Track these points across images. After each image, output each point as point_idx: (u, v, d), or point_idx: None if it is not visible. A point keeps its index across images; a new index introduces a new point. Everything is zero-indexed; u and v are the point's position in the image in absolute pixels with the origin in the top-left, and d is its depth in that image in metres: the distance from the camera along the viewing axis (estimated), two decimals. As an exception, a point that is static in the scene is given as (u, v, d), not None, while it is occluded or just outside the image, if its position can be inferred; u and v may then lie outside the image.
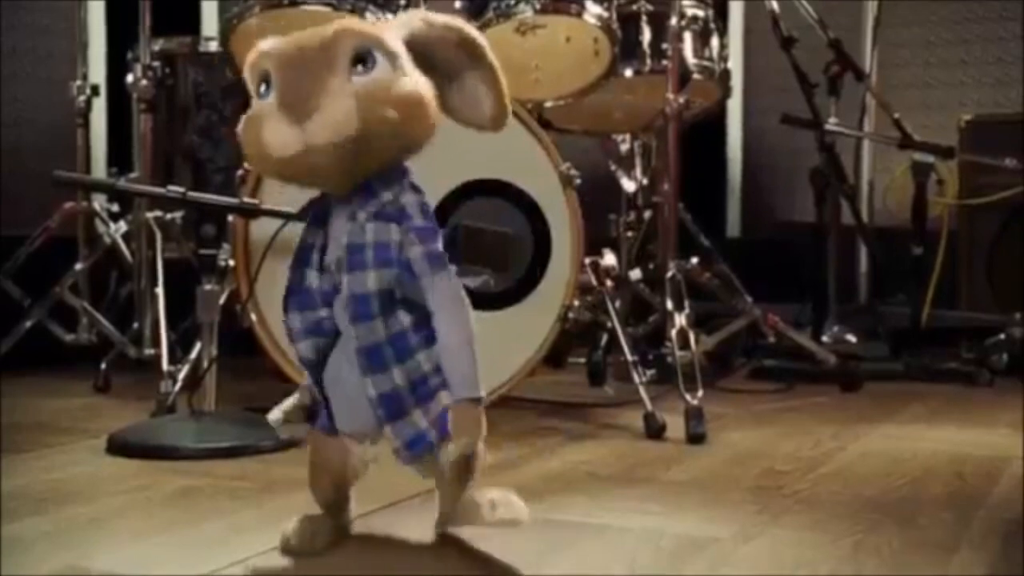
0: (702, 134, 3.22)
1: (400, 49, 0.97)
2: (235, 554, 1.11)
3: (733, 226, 3.82)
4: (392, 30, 0.99)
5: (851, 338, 2.69)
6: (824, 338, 2.64)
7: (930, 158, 2.52)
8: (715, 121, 3.55)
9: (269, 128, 0.92)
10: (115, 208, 2.51)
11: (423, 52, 0.99)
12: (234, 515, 1.29)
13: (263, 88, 0.95)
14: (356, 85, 0.93)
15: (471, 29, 1.01)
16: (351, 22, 0.97)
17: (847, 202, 2.56)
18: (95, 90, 2.53)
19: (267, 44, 0.96)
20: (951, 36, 3.15)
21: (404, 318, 0.99)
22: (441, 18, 1.01)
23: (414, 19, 1.01)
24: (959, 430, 1.90)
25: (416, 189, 1.03)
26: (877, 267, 2.92)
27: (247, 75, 0.98)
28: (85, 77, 2.51)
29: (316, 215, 1.02)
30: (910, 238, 2.58)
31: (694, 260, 2.22)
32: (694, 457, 1.63)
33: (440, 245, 1.00)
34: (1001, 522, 1.27)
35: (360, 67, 0.94)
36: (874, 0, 3.06)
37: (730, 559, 1.11)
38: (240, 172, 1.84)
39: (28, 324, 2.32)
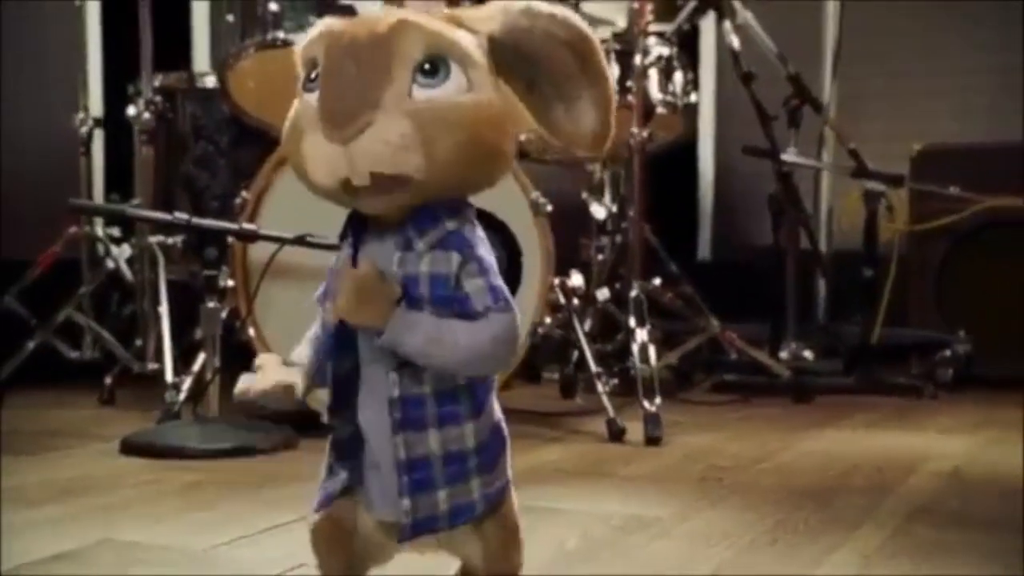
0: (675, 163, 3.43)
1: (481, 59, 0.75)
2: (237, 532, 1.29)
3: (704, 249, 4.00)
4: (476, 30, 0.77)
5: (808, 354, 2.87)
6: (783, 354, 2.82)
7: (881, 186, 2.72)
8: (688, 150, 3.75)
9: (309, 142, 0.72)
10: (116, 233, 2.69)
11: (517, 50, 0.77)
12: (235, 504, 1.46)
13: (313, 75, 0.74)
14: (419, 101, 0.72)
15: (584, 26, 0.77)
16: (419, 15, 0.74)
17: (802, 227, 2.74)
18: (97, 122, 2.72)
19: (324, 24, 0.75)
20: (908, 69, 3.35)
21: (459, 376, 0.79)
22: (547, 8, 0.77)
23: (512, 9, 0.77)
24: (894, 435, 2.08)
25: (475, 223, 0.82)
26: (831, 288, 3.11)
27: (298, 60, 0.77)
28: (87, 109, 2.70)
29: (353, 237, 0.79)
30: (863, 261, 2.77)
31: (657, 281, 2.40)
32: (649, 456, 1.81)
33: (501, 281, 0.80)
34: (905, 505, 1.45)
35: (426, 78, 0.73)
36: (837, 24, 3.26)
37: (669, 533, 1.29)
38: (238, 200, 2.01)
39: (35, 342, 2.48)
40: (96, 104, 2.95)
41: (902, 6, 3.28)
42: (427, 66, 0.73)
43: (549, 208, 2.04)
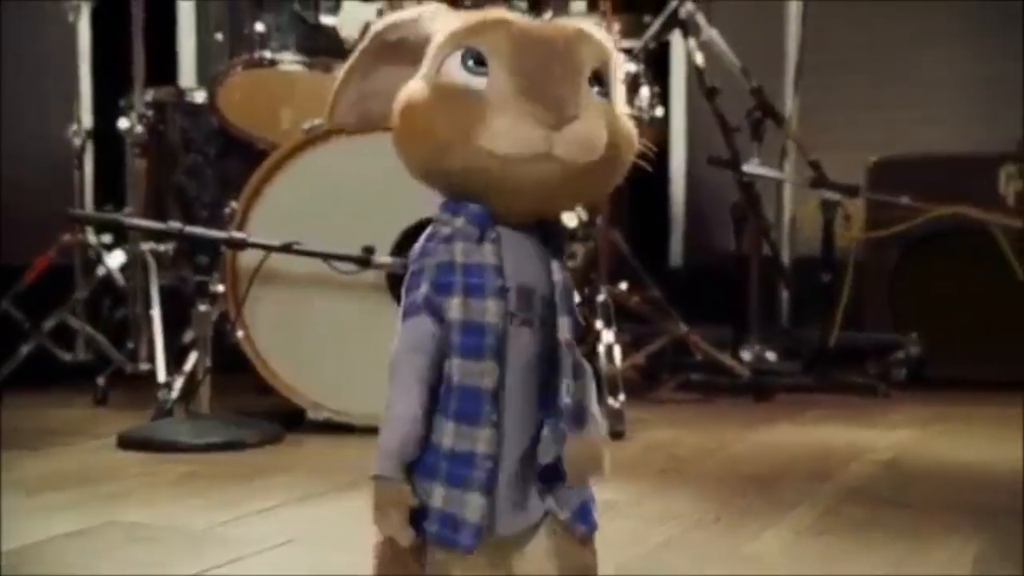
0: (648, 173, 3.57)
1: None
2: (231, 515, 1.42)
3: (675, 256, 4.14)
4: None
5: (770, 356, 3.01)
6: (746, 356, 2.96)
7: (837, 196, 2.86)
8: (660, 161, 3.89)
9: (505, 121, 0.70)
10: (108, 240, 2.81)
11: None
12: (227, 491, 1.59)
13: (469, 63, 0.73)
14: (609, 111, 0.73)
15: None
16: (593, 27, 0.75)
17: (763, 235, 2.89)
18: (89, 134, 2.85)
19: (493, 16, 0.74)
20: (868, 82, 3.50)
21: None
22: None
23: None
24: (843, 429, 2.22)
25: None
26: (793, 293, 3.25)
27: (441, 41, 0.74)
28: (80, 121, 2.82)
29: (484, 231, 0.74)
30: (821, 267, 2.92)
31: (623, 286, 2.54)
32: (612, 449, 1.93)
33: None
34: (841, 489, 1.59)
35: (599, 87, 0.74)
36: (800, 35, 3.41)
37: (623, 514, 1.42)
38: (228, 210, 2.14)
39: (32, 345, 2.59)
40: (86, 116, 3.07)
41: (862, 22, 3.43)
42: (598, 78, 0.73)
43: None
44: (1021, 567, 1.20)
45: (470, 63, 0.72)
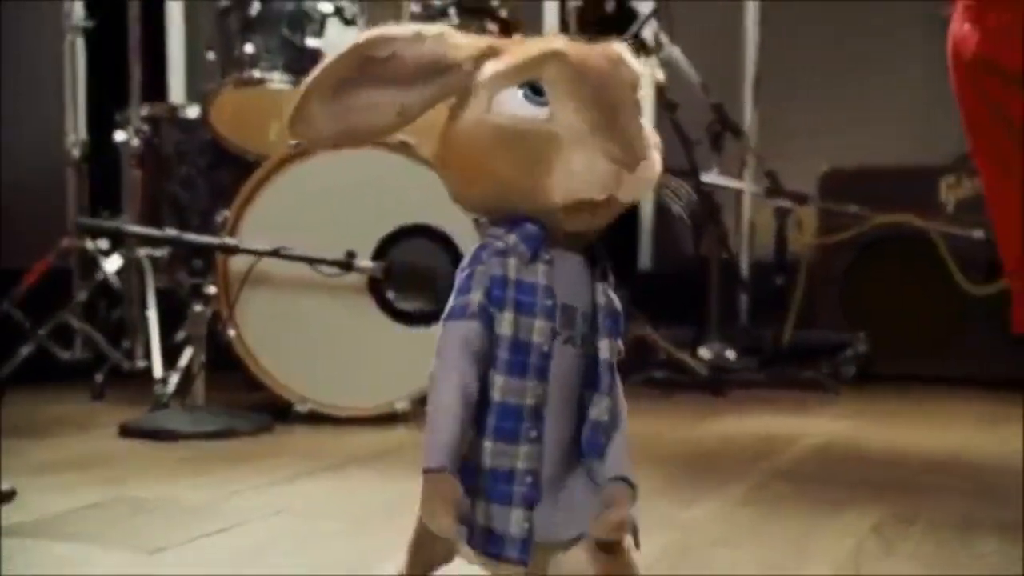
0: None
1: None
2: (229, 491, 1.60)
3: (644, 259, 4.32)
4: None
5: (730, 354, 3.20)
6: (706, 354, 3.15)
7: (789, 204, 3.06)
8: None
9: (580, 158, 0.70)
10: (104, 245, 2.97)
11: None
12: (224, 471, 1.76)
13: (525, 90, 0.72)
14: (655, 140, 0.73)
15: None
16: (627, 53, 0.75)
17: (719, 241, 3.08)
18: (86, 146, 3.02)
19: (551, 45, 0.73)
20: (824, 96, 3.68)
21: None
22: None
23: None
24: (788, 420, 2.41)
25: None
26: (751, 295, 3.45)
27: (493, 76, 0.73)
28: (77, 133, 3.00)
29: (537, 251, 0.74)
30: (775, 270, 3.12)
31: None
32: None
33: None
34: (774, 468, 1.78)
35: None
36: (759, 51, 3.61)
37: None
38: (220, 218, 2.31)
39: (33, 345, 2.76)
40: (80, 128, 3.24)
41: (817, 42, 3.62)
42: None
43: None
44: (919, 533, 1.38)
45: (530, 94, 0.71)
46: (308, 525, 1.44)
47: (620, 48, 0.74)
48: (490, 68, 0.73)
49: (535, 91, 0.71)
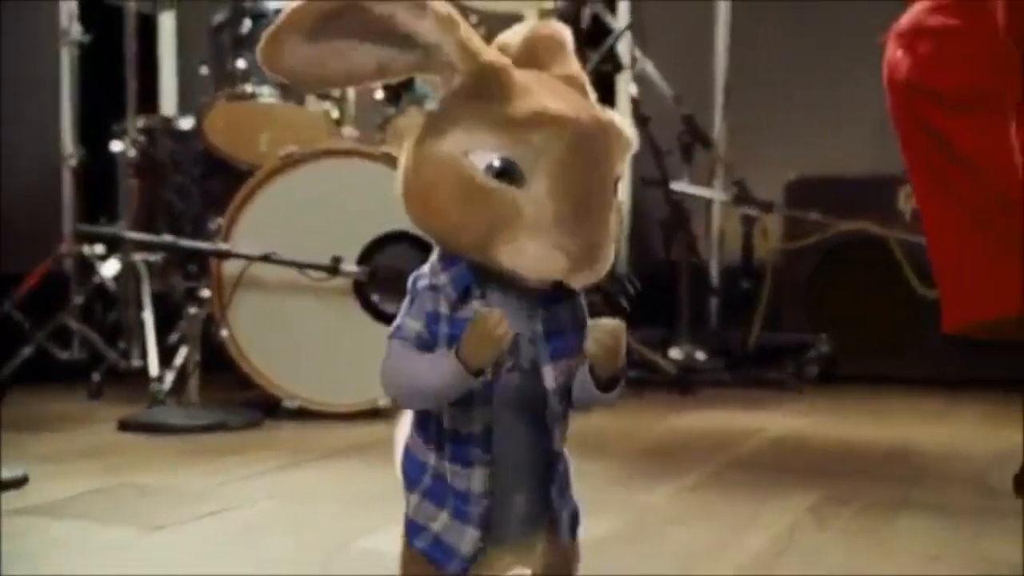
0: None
1: None
2: (219, 479, 1.73)
3: (621, 264, 4.47)
4: None
5: (700, 355, 3.35)
6: (677, 355, 3.30)
7: (755, 211, 3.22)
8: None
9: (537, 248, 0.69)
10: (100, 251, 3.10)
11: None
12: (216, 463, 1.90)
13: (495, 170, 0.70)
14: (615, 223, 0.72)
15: None
16: (611, 112, 0.74)
17: (688, 247, 3.23)
18: (83, 155, 3.16)
19: (553, 109, 0.70)
20: (793, 106, 3.83)
21: None
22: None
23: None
24: (750, 416, 2.55)
25: None
26: (721, 298, 3.60)
27: (484, 119, 0.71)
28: (75, 142, 3.13)
29: (468, 290, 0.75)
30: (742, 275, 3.27)
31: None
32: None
33: None
34: (731, 458, 1.92)
35: (617, 186, 0.73)
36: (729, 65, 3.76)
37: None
38: (213, 225, 2.45)
39: (33, 346, 2.88)
40: (77, 138, 3.38)
41: (784, 55, 3.77)
42: (620, 172, 0.73)
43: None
44: (852, 512, 1.53)
45: (497, 171, 0.70)
46: (297, 508, 1.58)
47: (613, 117, 0.73)
48: (475, 113, 0.71)
49: (507, 173, 0.69)
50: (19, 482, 1.67)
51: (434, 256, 0.76)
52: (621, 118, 0.73)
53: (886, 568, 1.25)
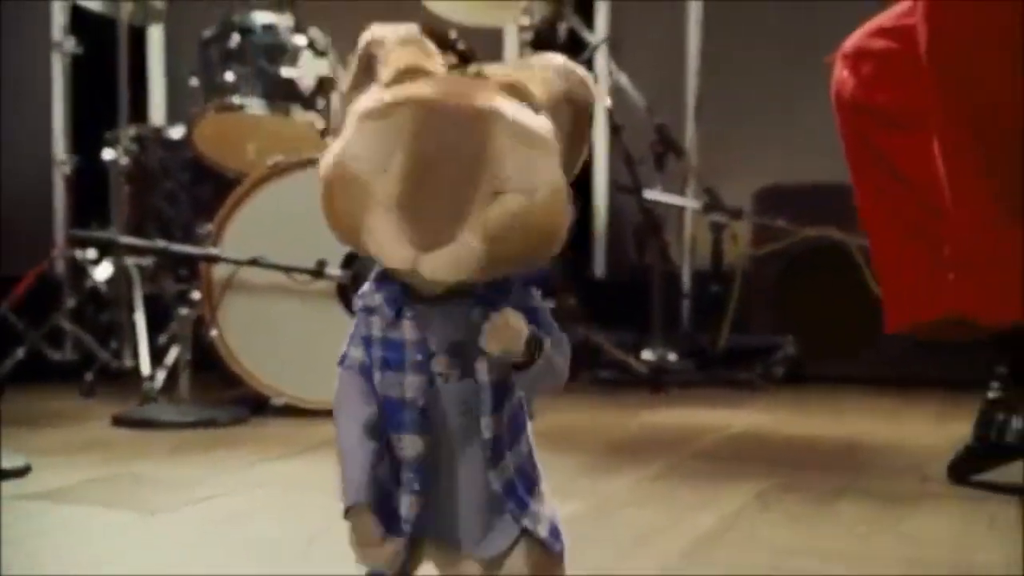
0: (576, 199, 4.06)
1: (555, 144, 0.71)
2: (211, 470, 1.85)
3: (599, 268, 4.59)
4: (538, 100, 0.71)
5: (672, 356, 3.48)
6: (650, 356, 3.43)
7: (724, 218, 3.35)
8: (586, 188, 4.36)
9: (381, 230, 0.68)
10: (91, 255, 3.21)
11: (567, 108, 0.73)
12: (207, 455, 2.01)
13: (379, 151, 0.68)
14: (498, 210, 0.67)
15: (593, 94, 0.74)
16: (500, 99, 0.69)
17: (660, 252, 3.36)
18: (77, 164, 3.27)
19: (413, 93, 0.68)
20: (758, 118, 3.96)
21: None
22: (579, 72, 0.74)
23: (559, 70, 0.73)
24: (713, 413, 2.68)
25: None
26: (693, 302, 3.74)
27: (359, 109, 0.70)
28: (69, 151, 3.25)
29: (400, 310, 0.74)
30: (711, 279, 3.41)
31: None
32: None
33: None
34: (692, 451, 2.05)
35: (506, 179, 0.68)
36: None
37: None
38: (203, 231, 2.56)
39: (26, 347, 2.99)
40: (69, 146, 3.50)
41: (754, 67, 3.90)
42: (511, 166, 0.67)
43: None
44: (796, 498, 1.65)
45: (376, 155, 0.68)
46: (282, 496, 1.69)
47: (498, 105, 0.68)
48: (360, 103, 0.71)
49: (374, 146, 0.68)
50: (21, 471, 1.78)
51: (366, 285, 0.76)
52: (517, 109, 0.68)
53: (818, 542, 1.38)
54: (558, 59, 0.74)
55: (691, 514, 1.53)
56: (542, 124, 0.70)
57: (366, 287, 0.76)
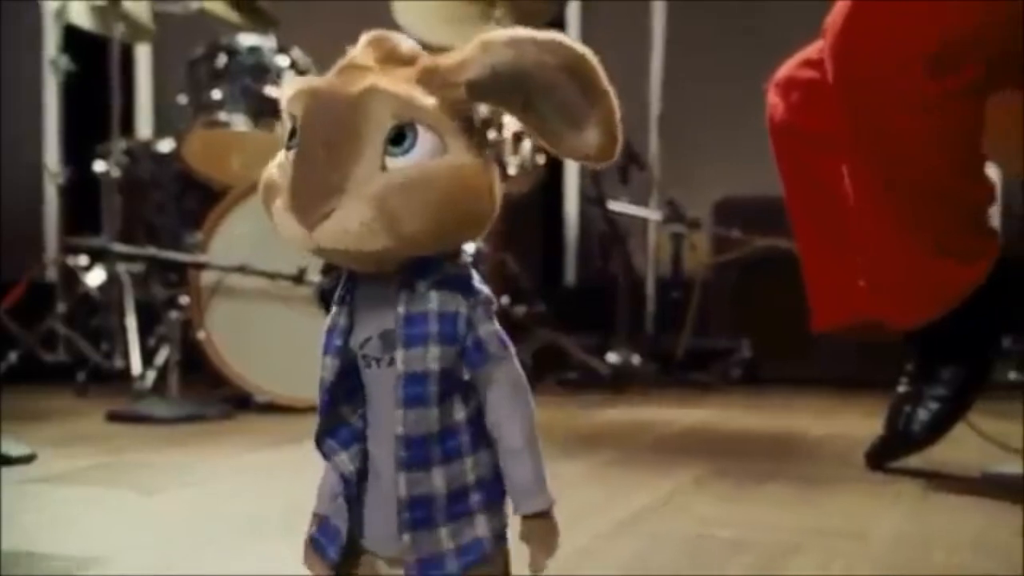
0: (547, 209, 4.29)
1: (454, 119, 0.70)
2: (200, 458, 2.03)
3: (569, 275, 4.79)
4: (453, 81, 0.70)
5: (635, 359, 3.67)
6: (615, 359, 3.62)
7: (683, 228, 3.56)
8: (558, 197, 4.56)
9: (279, 207, 0.69)
10: (83, 262, 3.38)
11: (505, 81, 0.70)
12: (197, 446, 2.19)
13: (292, 134, 0.70)
14: (384, 180, 0.67)
15: (577, 46, 0.71)
16: (386, 80, 0.69)
17: (624, 260, 3.56)
18: (70, 175, 3.44)
19: (302, 83, 0.70)
20: (718, 132, 4.16)
21: (459, 410, 0.73)
22: (530, 35, 0.70)
23: (494, 44, 0.70)
24: (668, 411, 2.87)
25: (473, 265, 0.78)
26: (656, 307, 3.94)
27: (284, 115, 0.71)
28: (62, 162, 3.42)
29: (344, 290, 0.75)
30: (671, 286, 3.61)
31: (505, 299, 3.17)
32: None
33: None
34: (641, 442, 2.24)
35: (396, 146, 0.68)
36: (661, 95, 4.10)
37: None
38: (190, 239, 2.74)
39: (21, 349, 3.15)
40: (58, 157, 3.67)
41: (716, 83, 4.11)
42: (397, 135, 0.68)
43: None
44: (729, 480, 1.84)
45: (290, 135, 0.69)
46: (264, 479, 1.87)
47: (375, 82, 0.67)
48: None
49: (292, 133, 0.69)
50: (27, 459, 1.95)
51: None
52: (399, 86, 0.68)
53: (741, 515, 1.56)
54: (499, 34, 0.70)
55: (629, 493, 1.71)
56: (426, 98, 0.68)
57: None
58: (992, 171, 3.19)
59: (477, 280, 0.73)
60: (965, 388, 1.78)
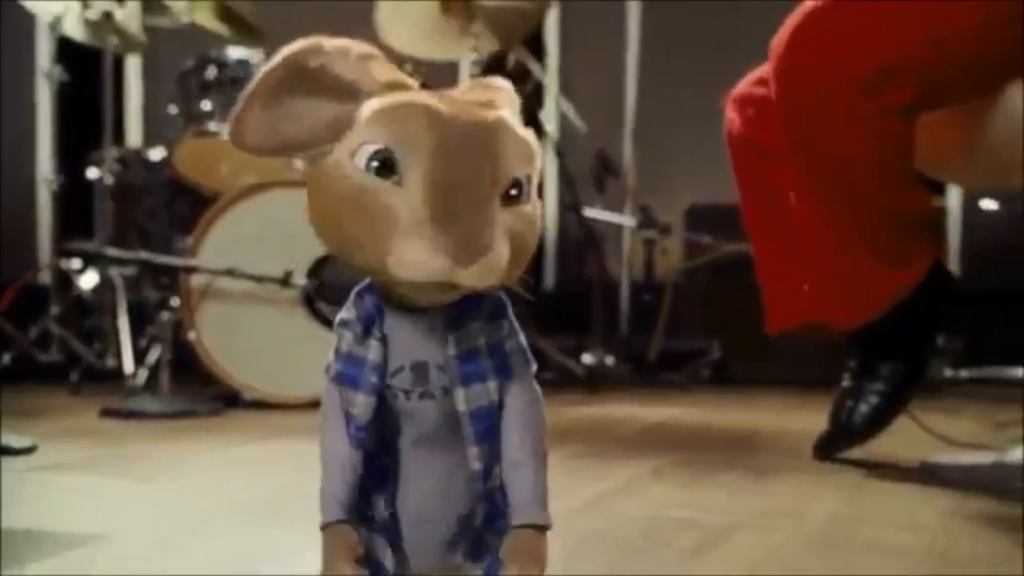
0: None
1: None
2: (191, 450, 2.16)
3: (549, 280, 4.92)
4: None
5: (610, 360, 3.81)
6: (591, 360, 3.76)
7: (655, 234, 3.70)
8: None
9: (415, 248, 0.64)
10: (76, 265, 3.49)
11: None
12: (188, 440, 2.31)
13: (374, 165, 0.66)
14: (510, 218, 0.67)
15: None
16: (512, 119, 0.69)
17: (599, 265, 3.70)
18: (63, 181, 3.57)
19: (415, 98, 0.67)
20: (691, 140, 4.29)
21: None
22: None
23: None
24: (638, 409, 3.01)
25: None
26: (631, 310, 4.08)
27: (363, 121, 0.68)
28: (56, 170, 3.55)
29: (370, 327, 0.73)
30: (644, 290, 3.76)
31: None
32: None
33: None
34: (610, 437, 2.37)
35: (514, 192, 0.68)
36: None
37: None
38: (180, 244, 2.87)
39: (16, 349, 3.27)
40: (51, 164, 3.79)
41: (688, 92, 4.24)
42: (516, 182, 0.67)
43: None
44: (685, 471, 1.98)
45: (375, 166, 0.66)
46: (256, 468, 2.00)
47: (504, 116, 0.67)
48: (364, 109, 0.68)
49: (385, 166, 0.66)
50: (29, 450, 2.07)
51: (349, 300, 0.75)
52: (515, 119, 0.69)
53: (694, 500, 1.70)
54: (507, 83, 0.74)
55: (590, 482, 1.84)
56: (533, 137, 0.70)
57: (350, 300, 0.75)
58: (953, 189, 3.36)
59: (505, 298, 0.74)
60: (903, 384, 1.91)
